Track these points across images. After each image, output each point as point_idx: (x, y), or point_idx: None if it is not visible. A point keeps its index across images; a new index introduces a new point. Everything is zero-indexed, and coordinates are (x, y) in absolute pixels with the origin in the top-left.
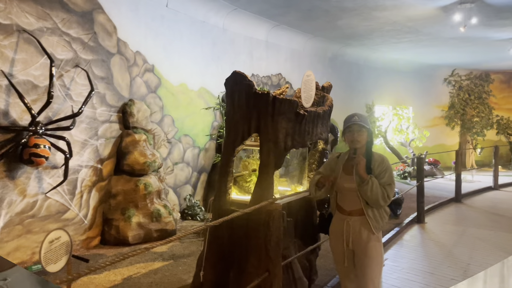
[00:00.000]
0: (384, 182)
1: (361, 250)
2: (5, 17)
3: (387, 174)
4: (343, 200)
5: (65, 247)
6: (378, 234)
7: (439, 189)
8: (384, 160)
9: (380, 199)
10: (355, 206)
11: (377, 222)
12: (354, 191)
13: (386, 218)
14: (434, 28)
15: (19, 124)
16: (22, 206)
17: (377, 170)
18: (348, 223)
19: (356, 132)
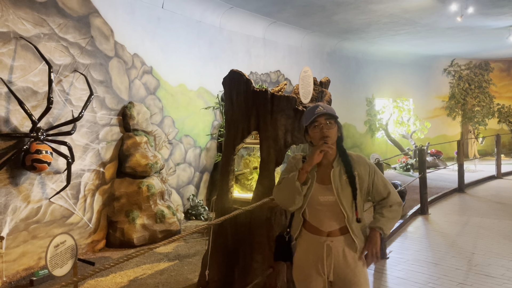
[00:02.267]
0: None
1: (347, 280)
2: (1, 24)
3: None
4: (318, 218)
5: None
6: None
7: (442, 180)
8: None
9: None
10: (336, 224)
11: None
12: (334, 205)
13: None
14: (431, 19)
15: (20, 130)
16: (26, 212)
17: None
18: (329, 247)
19: (325, 125)
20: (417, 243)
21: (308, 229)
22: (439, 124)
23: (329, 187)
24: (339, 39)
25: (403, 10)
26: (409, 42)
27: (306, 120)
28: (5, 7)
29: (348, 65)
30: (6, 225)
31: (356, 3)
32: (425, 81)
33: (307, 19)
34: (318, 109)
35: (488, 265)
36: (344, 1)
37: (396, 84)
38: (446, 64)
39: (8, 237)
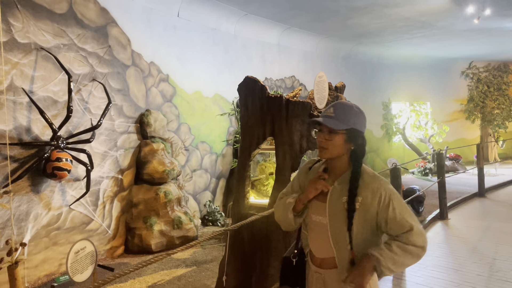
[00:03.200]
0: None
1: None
2: (23, 36)
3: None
4: (312, 240)
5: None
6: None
7: (462, 184)
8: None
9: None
10: (328, 252)
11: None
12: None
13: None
14: (447, 22)
15: (41, 139)
16: (47, 219)
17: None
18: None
19: (324, 133)
20: (437, 248)
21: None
22: (458, 127)
23: (324, 206)
24: (354, 43)
25: (419, 13)
26: (425, 45)
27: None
28: (26, 19)
29: (363, 69)
30: (28, 232)
31: (370, 7)
32: (442, 84)
33: (322, 24)
34: (327, 111)
35: (510, 270)
36: (358, 5)
37: (413, 88)
38: (464, 66)
39: (30, 243)
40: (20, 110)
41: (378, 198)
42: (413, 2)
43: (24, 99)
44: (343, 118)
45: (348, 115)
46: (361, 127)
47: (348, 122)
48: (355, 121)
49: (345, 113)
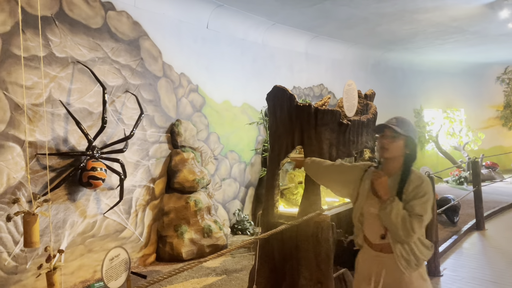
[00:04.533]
0: (412, 210)
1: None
2: (61, 50)
3: (421, 202)
4: (370, 230)
5: (124, 264)
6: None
7: (499, 194)
8: (424, 184)
9: (399, 230)
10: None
11: (408, 262)
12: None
13: (426, 253)
14: (481, 26)
15: (77, 149)
16: (83, 227)
17: (410, 193)
18: (380, 262)
19: (387, 137)
20: (473, 260)
21: (365, 240)
22: (494, 134)
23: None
24: (384, 50)
25: (451, 18)
26: (458, 51)
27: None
28: (64, 34)
29: (393, 76)
30: (65, 239)
31: (400, 14)
32: (477, 90)
33: (350, 31)
34: (388, 121)
35: None
36: (387, 12)
37: (446, 94)
38: (499, 71)
39: (66, 250)
40: (58, 121)
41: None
42: (444, 7)
43: (62, 110)
44: (402, 127)
45: (406, 126)
46: (415, 137)
47: (407, 131)
48: (410, 131)
49: (404, 124)
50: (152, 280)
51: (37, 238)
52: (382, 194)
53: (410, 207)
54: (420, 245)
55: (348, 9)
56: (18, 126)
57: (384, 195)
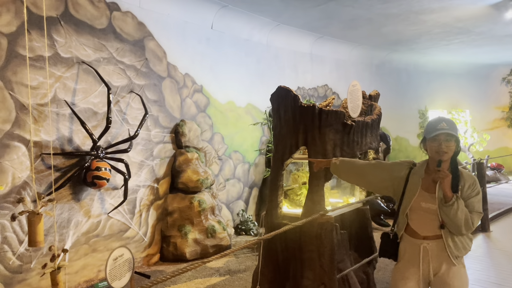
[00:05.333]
0: (473, 208)
1: (442, 281)
2: (66, 51)
3: (478, 199)
4: (418, 223)
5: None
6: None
7: (505, 195)
8: (477, 183)
9: (463, 226)
10: (433, 231)
11: (459, 252)
12: (434, 213)
13: (471, 245)
14: (486, 27)
15: (82, 149)
16: (87, 226)
17: (466, 191)
18: (426, 248)
19: (444, 142)
20: (478, 262)
21: (408, 232)
22: (500, 136)
23: (433, 196)
24: (388, 51)
25: (456, 19)
26: (463, 52)
27: (427, 133)
28: (69, 35)
29: (398, 77)
30: (69, 239)
31: (405, 14)
32: (482, 91)
33: (355, 32)
34: (440, 125)
35: None
36: (392, 12)
37: (451, 95)
38: (505, 72)
39: (71, 250)
40: (62, 121)
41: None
42: (449, 8)
43: (67, 110)
44: (453, 129)
45: (454, 127)
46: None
47: (456, 132)
48: (457, 131)
49: (452, 126)
50: (156, 280)
51: (41, 238)
52: (448, 192)
53: (471, 204)
54: (467, 238)
55: (353, 9)
56: (23, 126)
57: (449, 192)
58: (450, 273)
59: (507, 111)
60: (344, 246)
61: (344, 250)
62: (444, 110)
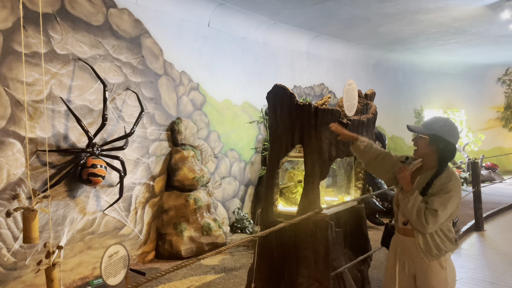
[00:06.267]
0: (431, 204)
1: (422, 278)
2: (62, 47)
3: (442, 198)
4: (398, 216)
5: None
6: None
7: (499, 195)
8: (451, 182)
9: (414, 220)
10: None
11: (429, 251)
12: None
13: (449, 246)
14: (482, 27)
15: (78, 146)
16: (82, 224)
17: (435, 189)
18: (403, 245)
19: (417, 139)
20: (472, 260)
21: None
22: (494, 135)
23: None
24: (385, 50)
25: (452, 19)
26: (459, 52)
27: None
28: (65, 32)
29: (395, 76)
30: (64, 236)
31: (402, 14)
32: (477, 91)
33: (352, 31)
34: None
35: None
36: (389, 12)
37: (447, 95)
38: (500, 73)
39: (66, 247)
40: (58, 118)
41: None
42: (446, 8)
43: (62, 107)
44: (428, 126)
45: (432, 124)
46: (445, 135)
47: (431, 130)
48: (438, 129)
49: (431, 123)
50: (151, 277)
51: (36, 234)
52: (404, 186)
53: (431, 201)
54: (444, 237)
55: (350, 9)
56: (19, 123)
57: (406, 187)
58: (428, 272)
59: (502, 111)
60: (339, 244)
61: (339, 248)
62: (440, 110)
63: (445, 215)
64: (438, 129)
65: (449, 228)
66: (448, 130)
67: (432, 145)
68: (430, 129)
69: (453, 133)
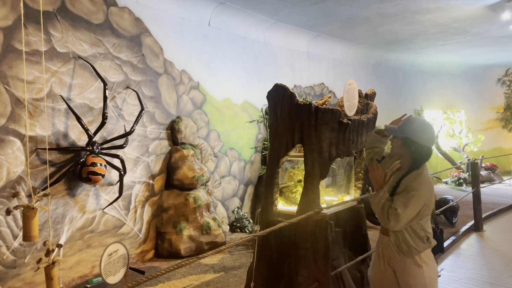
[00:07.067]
0: (394, 203)
1: (400, 276)
2: (62, 45)
3: (405, 197)
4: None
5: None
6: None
7: (498, 195)
8: (416, 182)
9: (379, 218)
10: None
11: (400, 248)
12: None
13: (420, 245)
14: (482, 28)
15: (78, 144)
16: (82, 222)
17: (401, 188)
18: (382, 243)
19: (393, 137)
20: (471, 261)
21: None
22: (494, 136)
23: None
24: (385, 50)
25: (452, 20)
26: (459, 52)
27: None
28: (65, 30)
29: (395, 76)
30: (64, 234)
31: (402, 14)
32: (477, 92)
33: (352, 31)
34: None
35: None
36: (389, 12)
37: (447, 95)
38: (500, 73)
39: (65, 245)
40: (58, 116)
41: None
42: (446, 8)
43: (62, 106)
44: (402, 128)
45: (406, 127)
46: (418, 138)
47: (403, 132)
48: (411, 132)
49: (405, 125)
50: (151, 275)
51: (36, 232)
52: (374, 184)
53: (395, 200)
54: (414, 235)
55: (350, 8)
56: (19, 121)
57: (376, 185)
58: (404, 270)
59: (502, 112)
60: (339, 244)
61: (339, 248)
62: (440, 110)
63: (407, 214)
64: (411, 131)
65: (422, 227)
66: (421, 132)
67: (405, 147)
68: (403, 131)
69: (426, 136)
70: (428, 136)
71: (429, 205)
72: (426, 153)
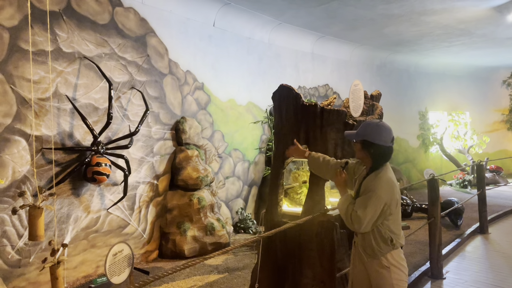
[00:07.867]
0: (355, 205)
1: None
2: (67, 46)
3: (363, 199)
4: None
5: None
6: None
7: (503, 198)
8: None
9: (344, 218)
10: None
11: (365, 250)
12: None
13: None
14: (488, 29)
15: (83, 144)
16: (86, 222)
17: (361, 190)
18: (354, 244)
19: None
20: (476, 263)
21: None
22: (499, 138)
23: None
24: (390, 51)
25: (458, 21)
26: (464, 53)
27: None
28: (71, 30)
29: (399, 78)
30: (68, 234)
31: (407, 15)
32: (482, 94)
33: (356, 32)
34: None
35: None
36: (394, 13)
37: (451, 97)
38: (505, 75)
39: (70, 245)
40: (63, 116)
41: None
42: (452, 10)
43: (68, 105)
44: (358, 131)
45: (362, 130)
46: (374, 140)
47: (360, 136)
48: (367, 135)
49: (361, 128)
50: (157, 276)
51: (42, 232)
52: (339, 189)
53: (356, 202)
54: (378, 237)
55: (355, 10)
56: (25, 120)
57: (340, 190)
58: (372, 271)
59: (507, 114)
60: (344, 246)
61: (344, 250)
62: (444, 112)
63: (367, 215)
64: (367, 134)
65: (389, 227)
66: (376, 133)
67: (364, 150)
68: (359, 135)
69: (382, 136)
70: (383, 136)
71: (391, 204)
72: (385, 153)
